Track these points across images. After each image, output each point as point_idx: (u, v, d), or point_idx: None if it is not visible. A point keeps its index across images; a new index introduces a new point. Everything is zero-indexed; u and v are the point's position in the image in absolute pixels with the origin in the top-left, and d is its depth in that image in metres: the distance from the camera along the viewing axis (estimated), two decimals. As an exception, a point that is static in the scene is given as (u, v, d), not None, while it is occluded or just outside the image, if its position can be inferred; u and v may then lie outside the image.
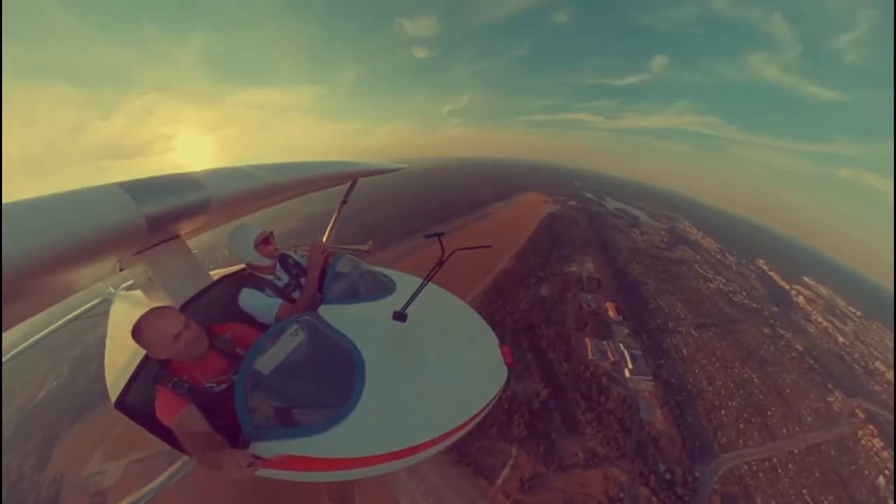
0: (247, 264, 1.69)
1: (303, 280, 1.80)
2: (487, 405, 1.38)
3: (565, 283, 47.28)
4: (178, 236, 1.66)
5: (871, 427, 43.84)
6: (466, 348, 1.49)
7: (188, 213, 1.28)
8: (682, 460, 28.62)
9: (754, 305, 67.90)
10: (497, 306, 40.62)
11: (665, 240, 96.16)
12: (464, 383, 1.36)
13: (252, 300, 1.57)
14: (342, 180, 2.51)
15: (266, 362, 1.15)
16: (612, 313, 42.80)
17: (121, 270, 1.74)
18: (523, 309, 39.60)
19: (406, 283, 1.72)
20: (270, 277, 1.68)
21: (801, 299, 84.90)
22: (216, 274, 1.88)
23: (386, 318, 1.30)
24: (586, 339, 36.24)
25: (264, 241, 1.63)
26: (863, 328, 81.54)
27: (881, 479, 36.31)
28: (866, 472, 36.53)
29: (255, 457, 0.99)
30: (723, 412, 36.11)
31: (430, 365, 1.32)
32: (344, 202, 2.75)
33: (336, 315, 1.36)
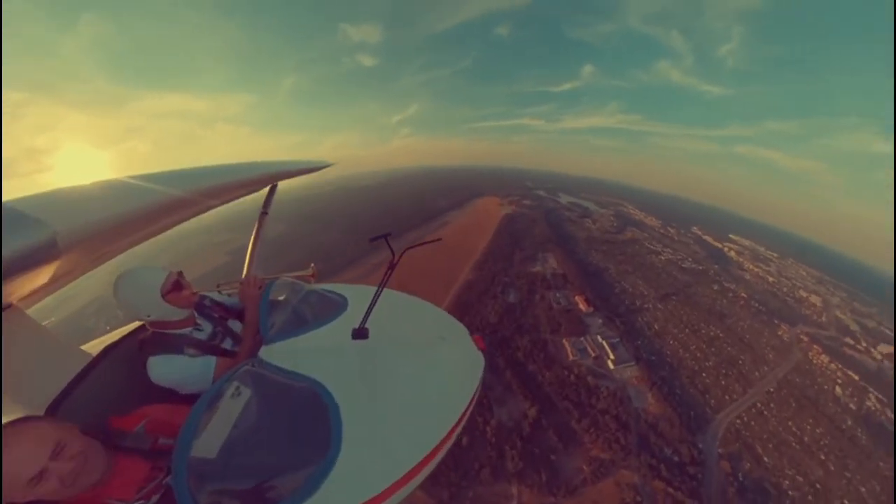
0: (149, 323, 1.42)
1: (231, 323, 1.66)
2: (474, 396, 1.47)
3: (532, 285, 51.88)
4: (10, 305, 1.25)
5: (815, 347, 57.14)
6: (439, 347, 1.55)
7: (20, 266, 0.87)
8: (683, 437, 31.88)
9: (700, 267, 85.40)
10: (464, 324, 42.07)
11: (615, 224, 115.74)
12: (446, 383, 1.42)
13: (171, 369, 1.35)
14: (257, 186, 2.20)
15: (207, 443, 0.97)
16: (582, 306, 48.17)
17: None
18: (493, 322, 41.48)
19: (358, 295, 1.69)
20: (186, 332, 1.46)
21: (732, 253, 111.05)
22: (95, 347, 1.53)
23: (345, 339, 1.29)
24: (564, 341, 39.32)
25: (175, 285, 1.38)
26: (782, 266, 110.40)
27: (837, 388, 47.06)
28: (826, 388, 46.80)
29: None
30: (704, 374, 42.45)
31: (408, 376, 1.33)
32: (264, 213, 2.47)
33: (284, 353, 1.28)
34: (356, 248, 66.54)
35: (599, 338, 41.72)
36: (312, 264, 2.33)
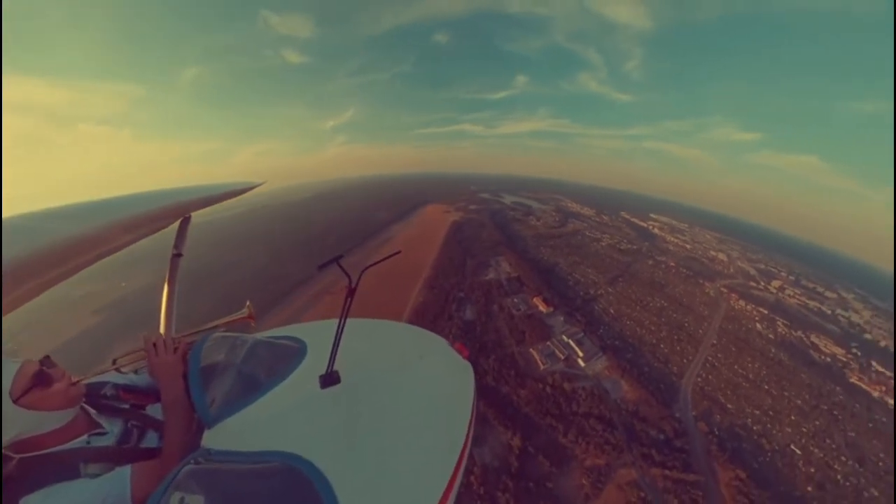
0: (8, 448, 1.02)
1: (153, 410, 1.37)
2: (472, 410, 1.51)
3: (488, 295, 54.42)
4: None
5: (734, 295, 75.97)
6: (421, 368, 1.58)
7: None
8: (663, 414, 36.35)
9: (634, 247, 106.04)
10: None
11: (557, 219, 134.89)
12: (441, 404, 1.45)
13: None
14: (163, 222, 1.90)
15: None
16: (542, 308, 52.60)
17: None
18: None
19: (316, 334, 1.65)
20: (80, 443, 1.12)
21: (656, 230, 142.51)
22: None
23: (313, 391, 1.25)
24: (531, 350, 41.69)
25: (37, 379, 1.02)
26: (693, 233, 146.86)
27: (757, 325, 62.99)
28: (750, 327, 61.60)
29: None
30: (662, 345, 50.52)
31: (397, 410, 1.32)
32: (177, 255, 2.16)
33: (237, 432, 1.13)
34: (293, 276, 62.87)
35: (565, 337, 45.52)
36: (248, 302, 2.01)
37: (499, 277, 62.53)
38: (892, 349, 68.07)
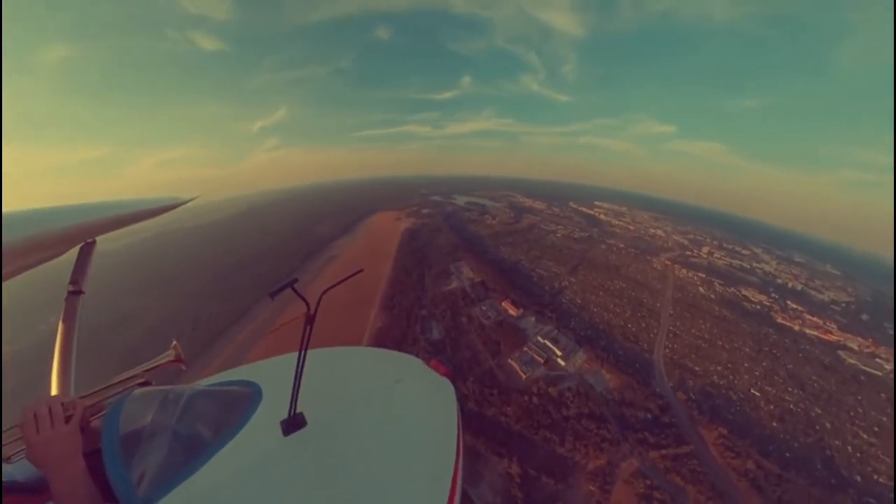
0: None
1: None
2: (459, 429, 1.52)
3: (454, 308, 53.73)
4: None
5: (677, 265, 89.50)
6: (398, 393, 1.55)
7: None
8: (646, 394, 39.19)
9: (587, 234, 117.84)
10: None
11: (512, 215, 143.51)
12: (424, 431, 1.40)
13: None
14: (57, 249, 1.68)
15: None
16: (512, 311, 53.75)
17: None
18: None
19: (271, 372, 1.58)
20: None
21: (602, 216, 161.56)
22: None
23: (275, 440, 1.18)
24: (510, 361, 41.78)
25: None
26: (633, 215, 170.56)
27: (700, 289, 73.98)
28: (694, 292, 72.08)
29: None
30: (629, 326, 55.62)
31: (377, 445, 1.26)
32: (77, 292, 2.01)
33: None
34: (224, 313, 58.08)
35: (540, 338, 46.71)
36: (175, 342, 1.85)
37: (462, 285, 62.28)
38: (799, 288, 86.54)
